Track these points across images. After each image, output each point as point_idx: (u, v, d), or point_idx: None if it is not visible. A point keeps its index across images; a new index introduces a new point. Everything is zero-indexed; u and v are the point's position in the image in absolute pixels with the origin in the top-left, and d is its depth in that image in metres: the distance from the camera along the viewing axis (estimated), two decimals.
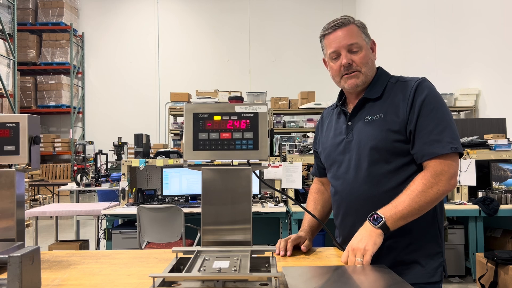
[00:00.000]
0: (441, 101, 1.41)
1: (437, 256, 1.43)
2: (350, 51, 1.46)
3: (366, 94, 1.49)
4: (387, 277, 1.14)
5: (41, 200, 9.21)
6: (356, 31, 1.47)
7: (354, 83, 1.48)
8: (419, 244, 1.42)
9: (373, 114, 1.46)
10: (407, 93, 1.42)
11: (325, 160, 1.61)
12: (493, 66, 5.86)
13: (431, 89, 1.42)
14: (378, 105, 1.46)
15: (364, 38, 1.49)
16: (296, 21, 12.83)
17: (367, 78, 1.49)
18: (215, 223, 1.25)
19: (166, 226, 3.54)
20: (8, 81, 9.68)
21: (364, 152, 1.43)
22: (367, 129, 1.45)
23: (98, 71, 13.21)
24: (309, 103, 9.11)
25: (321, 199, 1.74)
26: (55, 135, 12.28)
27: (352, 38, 1.45)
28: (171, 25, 13.06)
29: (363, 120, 1.47)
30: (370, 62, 1.49)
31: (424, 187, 1.32)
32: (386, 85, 1.49)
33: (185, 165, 1.26)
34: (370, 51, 1.51)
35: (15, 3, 10.09)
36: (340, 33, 1.46)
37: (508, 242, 4.01)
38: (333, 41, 1.47)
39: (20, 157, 1.40)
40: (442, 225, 1.48)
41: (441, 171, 1.34)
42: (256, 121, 1.23)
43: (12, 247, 1.33)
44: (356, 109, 1.51)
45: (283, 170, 4.14)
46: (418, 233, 1.42)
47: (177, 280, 1.06)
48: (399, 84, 1.47)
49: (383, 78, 1.52)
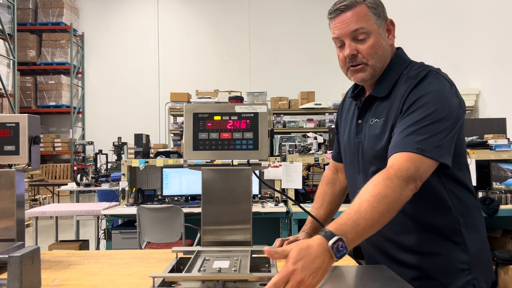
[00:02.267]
0: (442, 101, 1.16)
1: (463, 273, 1.19)
2: (355, 38, 1.25)
3: (373, 92, 1.30)
4: (387, 277, 1.14)
5: (41, 200, 9.21)
6: (365, 13, 1.23)
7: (360, 78, 1.28)
8: (430, 257, 1.21)
9: (377, 116, 1.28)
10: (403, 94, 1.21)
11: (342, 154, 1.47)
12: (493, 66, 5.86)
13: (428, 89, 1.18)
14: (383, 106, 1.27)
15: (375, 20, 1.25)
16: (296, 21, 12.83)
17: (376, 71, 1.27)
18: (215, 223, 1.25)
19: (166, 226, 3.54)
20: (8, 81, 9.68)
21: (368, 159, 1.29)
22: (371, 133, 1.28)
23: (98, 71, 13.21)
24: (309, 103, 9.11)
25: (330, 193, 1.57)
26: (55, 135, 12.27)
27: (358, 23, 1.23)
28: (171, 25, 13.06)
29: (369, 122, 1.30)
30: (380, 51, 1.26)
31: (387, 190, 1.05)
32: (398, 78, 1.27)
33: (185, 165, 1.26)
34: (383, 36, 1.27)
35: (15, 3, 10.08)
36: (343, 17, 1.24)
37: (508, 242, 4.01)
38: (336, 27, 1.27)
39: (20, 157, 1.40)
40: (469, 229, 1.22)
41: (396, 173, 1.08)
42: (256, 121, 1.23)
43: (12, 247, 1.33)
44: (365, 107, 1.33)
45: (283, 170, 4.13)
46: (426, 244, 1.22)
47: (177, 280, 1.06)
48: (405, 79, 1.25)
49: (396, 69, 1.28)
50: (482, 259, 1.23)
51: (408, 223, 1.24)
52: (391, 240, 1.28)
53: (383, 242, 1.31)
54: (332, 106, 8.97)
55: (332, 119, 8.84)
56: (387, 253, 1.30)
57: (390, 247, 1.29)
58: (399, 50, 1.34)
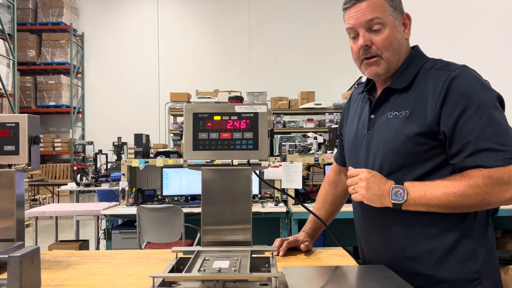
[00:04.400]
0: (487, 97, 1.12)
1: (472, 283, 1.15)
2: (369, 29, 1.20)
3: (392, 83, 1.24)
4: (387, 278, 1.13)
5: (41, 200, 9.20)
6: (381, 3, 1.20)
7: (374, 71, 1.24)
8: (434, 265, 1.17)
9: (397, 109, 1.21)
10: (439, 86, 1.15)
11: (346, 153, 1.43)
12: (493, 66, 5.86)
13: (472, 81, 1.14)
14: (404, 99, 1.21)
15: (391, 12, 1.21)
16: (296, 21, 12.82)
17: (390, 65, 1.23)
18: (215, 223, 1.25)
19: (166, 226, 3.54)
20: (8, 81, 9.68)
21: (383, 155, 1.22)
22: (388, 127, 1.21)
23: (98, 71, 13.21)
24: (309, 103, 9.11)
25: (332, 194, 1.56)
26: (55, 135, 12.27)
27: (373, 12, 1.19)
28: (171, 24, 13.05)
29: (387, 115, 1.23)
30: (396, 44, 1.21)
31: (470, 190, 1.08)
32: (418, 72, 1.22)
33: (185, 165, 1.25)
34: (399, 29, 1.23)
35: (15, 3, 10.08)
36: (359, 7, 1.20)
37: (508, 242, 4.01)
38: (350, 17, 1.23)
39: (20, 157, 1.40)
40: (479, 238, 1.18)
41: (497, 180, 1.07)
42: (256, 121, 1.23)
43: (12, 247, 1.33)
44: (380, 101, 1.27)
45: (283, 170, 4.13)
46: (431, 251, 1.18)
47: (177, 280, 1.06)
48: (433, 72, 1.19)
49: (416, 63, 1.24)
50: (491, 268, 1.19)
51: (416, 230, 1.20)
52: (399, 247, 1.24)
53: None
54: (332, 106, 8.97)
55: (332, 119, 8.84)
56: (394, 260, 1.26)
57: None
58: (416, 46, 1.31)
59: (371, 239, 1.31)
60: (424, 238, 1.19)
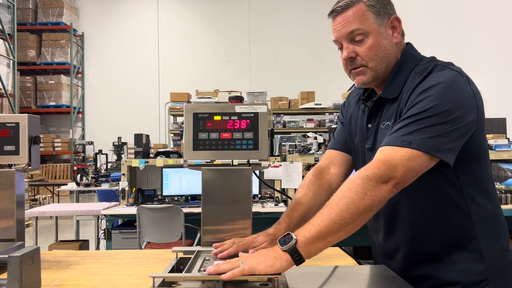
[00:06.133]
0: (447, 93, 1.06)
1: (479, 285, 1.11)
2: (352, 40, 1.19)
3: (383, 93, 1.21)
4: (387, 277, 1.14)
5: (41, 200, 9.21)
6: (362, 13, 1.16)
7: (361, 81, 1.22)
8: (439, 267, 1.14)
9: (388, 118, 1.19)
10: (409, 89, 1.13)
11: (353, 155, 1.38)
12: (493, 66, 5.86)
13: (438, 80, 1.09)
14: (393, 107, 1.18)
15: (374, 19, 1.17)
16: (296, 20, 12.82)
17: (378, 74, 1.20)
18: (215, 223, 1.25)
19: (166, 226, 3.54)
20: (8, 81, 9.68)
21: None
22: (382, 137, 1.17)
23: (98, 71, 13.21)
24: (309, 103, 9.12)
25: (316, 184, 1.37)
26: (55, 135, 12.27)
27: (353, 24, 1.16)
28: (171, 24, 13.06)
29: (381, 125, 1.22)
30: (382, 52, 1.18)
31: (348, 192, 1.02)
32: (408, 76, 1.18)
33: (185, 165, 1.26)
34: (385, 35, 1.19)
35: (15, 3, 10.08)
36: (339, 19, 1.19)
37: None
38: (333, 29, 1.22)
39: (20, 157, 1.40)
40: (486, 238, 1.14)
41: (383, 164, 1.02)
42: (256, 121, 1.23)
43: (12, 247, 1.33)
44: (375, 110, 1.25)
45: (283, 170, 4.13)
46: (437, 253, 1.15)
47: (177, 280, 1.06)
48: (412, 77, 1.17)
49: (407, 68, 1.20)
50: (501, 270, 1.14)
51: (417, 229, 1.18)
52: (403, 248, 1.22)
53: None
54: (332, 106, 8.97)
55: (332, 119, 8.84)
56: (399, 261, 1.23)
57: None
58: (408, 46, 1.25)
59: (387, 235, 1.26)
60: (425, 237, 1.17)
